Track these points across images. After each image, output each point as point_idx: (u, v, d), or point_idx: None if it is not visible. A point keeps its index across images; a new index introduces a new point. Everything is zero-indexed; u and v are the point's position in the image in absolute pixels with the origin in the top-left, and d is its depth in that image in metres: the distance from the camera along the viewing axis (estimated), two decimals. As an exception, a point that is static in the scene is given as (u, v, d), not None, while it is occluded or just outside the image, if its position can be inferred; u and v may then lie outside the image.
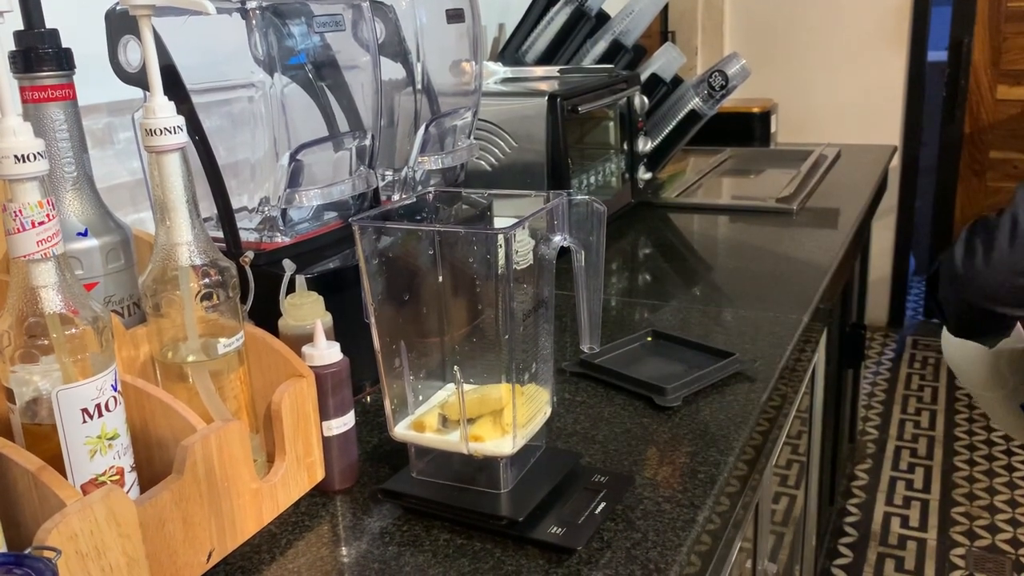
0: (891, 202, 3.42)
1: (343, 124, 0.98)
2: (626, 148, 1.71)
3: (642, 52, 1.93)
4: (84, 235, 0.76)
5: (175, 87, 0.79)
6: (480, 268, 0.70)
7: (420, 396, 0.79)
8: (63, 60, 0.72)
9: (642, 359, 1.06)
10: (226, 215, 0.87)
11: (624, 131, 1.71)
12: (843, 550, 2.28)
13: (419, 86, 1.13)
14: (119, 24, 0.81)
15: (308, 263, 0.91)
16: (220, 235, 0.88)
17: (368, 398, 0.98)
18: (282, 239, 0.93)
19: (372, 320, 0.75)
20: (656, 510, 0.75)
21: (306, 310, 0.82)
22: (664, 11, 3.14)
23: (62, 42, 0.73)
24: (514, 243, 0.68)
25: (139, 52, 0.79)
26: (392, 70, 1.10)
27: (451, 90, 1.19)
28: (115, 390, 0.62)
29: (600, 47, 1.86)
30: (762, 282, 1.35)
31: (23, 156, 0.56)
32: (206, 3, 0.68)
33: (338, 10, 0.94)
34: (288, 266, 0.84)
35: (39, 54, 0.71)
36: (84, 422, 0.60)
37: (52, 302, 0.58)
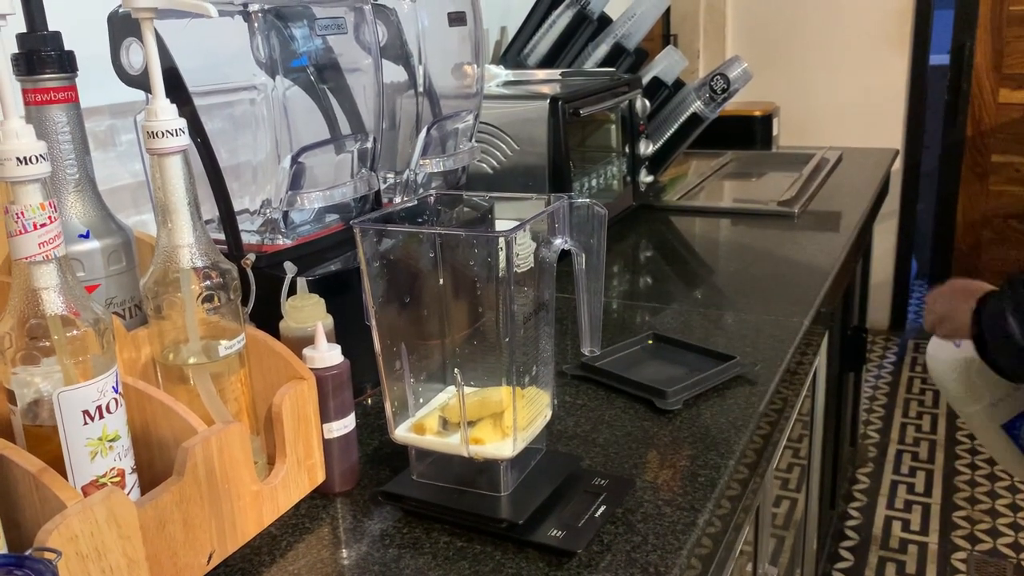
0: (893, 206, 3.42)
1: (345, 127, 0.98)
2: (628, 151, 1.72)
3: (644, 55, 1.93)
4: (86, 237, 0.76)
5: (177, 89, 0.79)
6: (481, 271, 0.70)
7: (421, 399, 0.79)
8: (65, 62, 0.73)
9: (643, 362, 1.06)
10: (228, 217, 0.87)
11: (626, 134, 1.71)
12: (844, 554, 2.27)
13: (421, 89, 1.13)
14: (121, 26, 0.81)
15: (309, 265, 0.92)
16: (222, 237, 0.88)
17: (369, 400, 0.98)
18: (283, 241, 0.93)
19: (373, 322, 0.75)
20: (656, 513, 0.75)
21: (307, 312, 0.82)
22: (666, 14, 3.14)
23: (64, 44, 0.73)
24: (515, 246, 0.68)
25: (141, 54, 0.80)
26: (394, 73, 1.10)
27: (453, 93, 1.19)
28: (116, 392, 0.63)
29: (602, 50, 1.86)
30: (763, 285, 1.35)
31: (25, 158, 0.56)
32: (208, 6, 0.69)
33: (340, 13, 0.94)
34: (289, 268, 0.84)
35: (41, 56, 0.71)
36: (85, 424, 0.61)
37: (54, 304, 0.59)
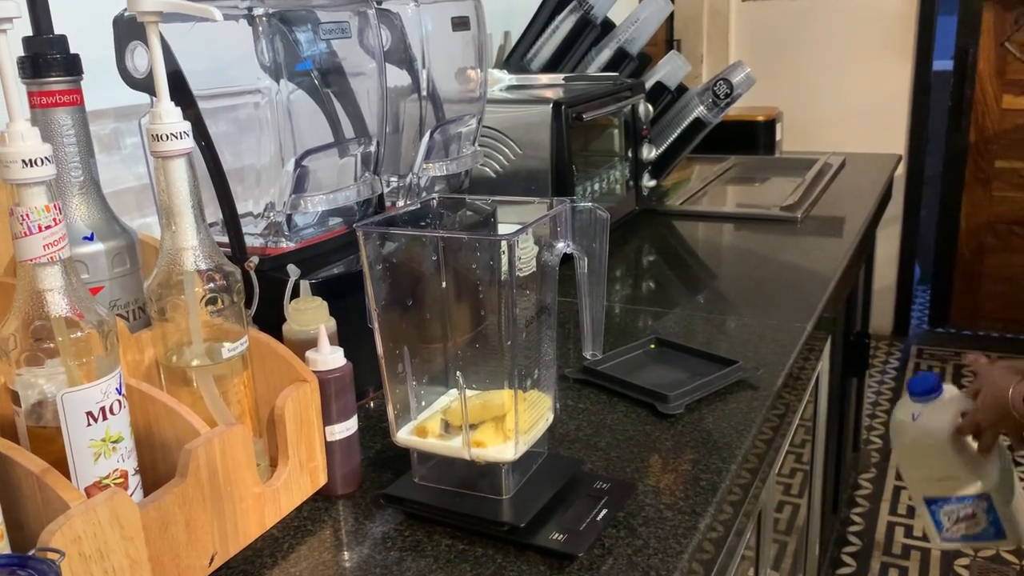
0: (896, 211, 3.42)
1: (348, 130, 0.98)
2: (630, 155, 1.72)
3: (647, 60, 1.93)
4: (90, 239, 0.76)
5: (182, 93, 0.79)
6: (483, 274, 0.70)
7: (423, 402, 0.79)
8: (71, 66, 0.73)
9: (645, 366, 1.06)
10: (231, 220, 0.88)
11: (629, 139, 1.71)
12: (847, 559, 2.27)
13: (424, 93, 1.13)
14: (127, 30, 0.82)
15: (312, 268, 0.92)
16: (225, 240, 0.88)
17: (371, 403, 0.98)
18: (287, 244, 0.93)
19: (376, 325, 0.75)
20: (658, 517, 0.75)
21: (310, 315, 0.82)
22: (669, 19, 3.14)
23: (70, 48, 0.73)
24: (517, 249, 0.68)
25: (146, 58, 0.80)
26: (397, 77, 1.10)
27: (456, 97, 1.19)
28: (120, 393, 0.63)
29: (605, 55, 1.87)
30: (766, 290, 1.35)
31: (31, 161, 0.56)
32: (213, 9, 0.69)
33: (344, 17, 0.95)
34: (292, 271, 0.84)
35: (47, 60, 0.71)
36: (88, 425, 0.61)
37: (58, 306, 0.59)
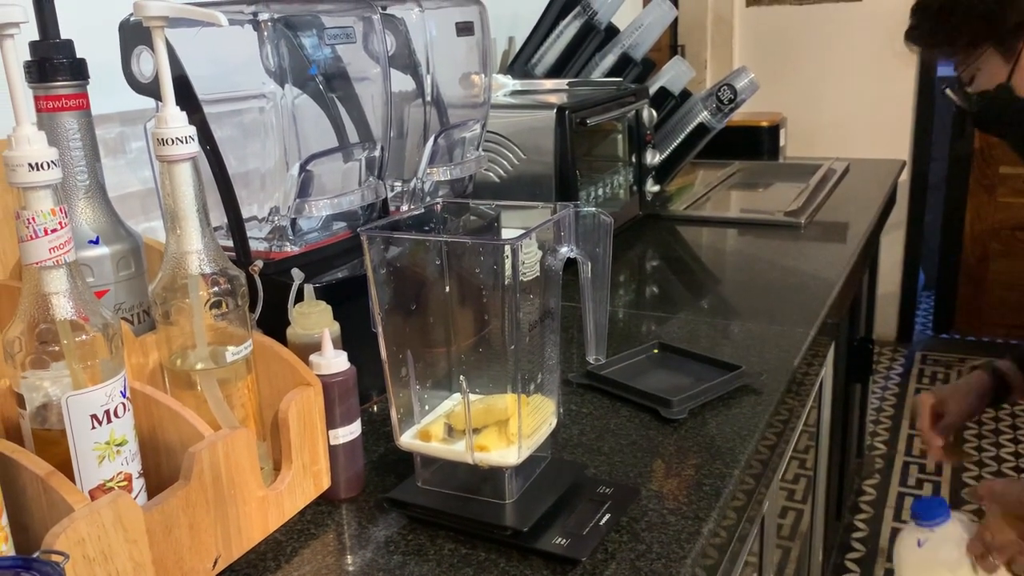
0: (900, 217, 3.41)
1: (353, 135, 0.98)
2: (634, 161, 1.72)
3: (651, 65, 1.94)
4: (95, 243, 0.76)
5: (187, 97, 0.80)
6: (487, 279, 0.70)
7: (426, 406, 0.79)
8: (77, 70, 0.73)
9: (648, 371, 1.06)
10: (236, 224, 0.88)
11: (632, 144, 1.71)
12: (850, 566, 2.26)
13: (428, 98, 1.14)
14: (132, 35, 0.82)
15: (317, 272, 0.92)
16: (230, 244, 0.89)
17: (375, 407, 0.98)
18: (291, 248, 0.93)
19: (379, 330, 0.75)
20: (661, 522, 0.75)
21: (314, 319, 0.83)
22: (673, 25, 3.15)
23: (76, 52, 0.74)
24: (521, 254, 0.68)
25: (152, 63, 0.80)
26: (402, 82, 1.11)
27: (460, 102, 1.20)
28: (124, 396, 0.63)
29: (609, 60, 1.87)
30: (770, 295, 1.35)
31: (37, 164, 0.57)
32: (218, 15, 0.69)
33: (349, 22, 0.95)
34: (297, 275, 0.84)
35: (54, 64, 0.72)
36: (93, 428, 0.61)
37: (63, 309, 0.59)
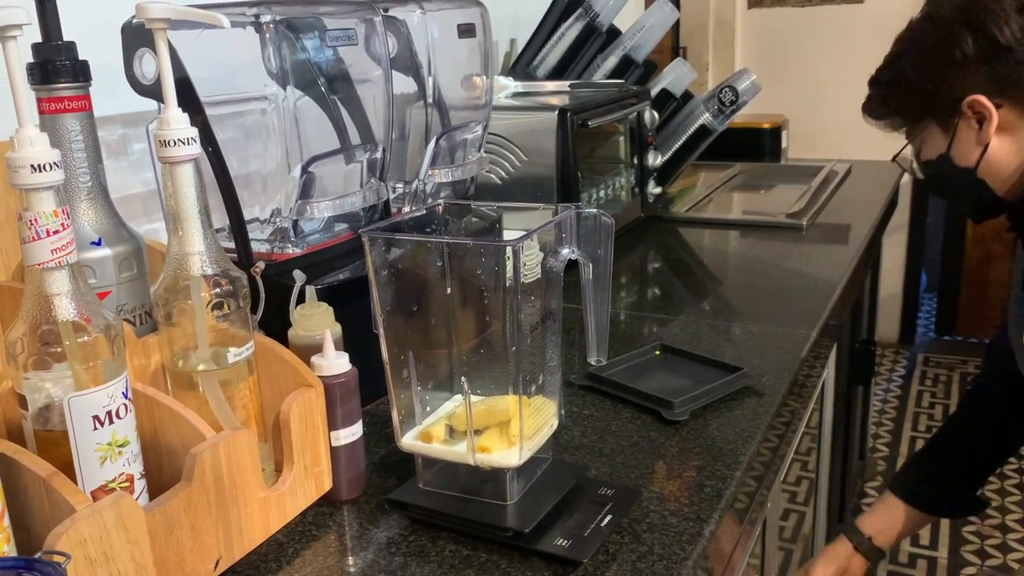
0: (902, 218, 3.41)
1: (355, 137, 0.99)
2: (636, 162, 1.72)
3: (653, 67, 1.94)
4: (98, 244, 0.76)
5: (189, 99, 0.80)
6: (488, 280, 0.70)
7: (427, 407, 0.79)
8: (80, 72, 0.73)
9: (650, 373, 1.06)
10: (238, 226, 0.88)
11: (634, 145, 1.71)
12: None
13: (430, 100, 1.14)
14: (135, 37, 0.82)
15: (318, 274, 0.92)
16: (232, 246, 0.89)
17: (376, 408, 0.98)
18: (293, 250, 0.93)
19: (381, 331, 0.75)
20: (662, 523, 0.75)
21: (316, 320, 0.83)
22: (675, 27, 3.15)
23: (79, 54, 0.74)
24: (522, 255, 0.68)
25: (154, 65, 0.80)
26: (404, 84, 1.11)
27: (462, 104, 1.20)
28: (126, 398, 0.63)
29: (611, 62, 1.87)
30: (771, 297, 1.35)
31: (39, 166, 0.57)
32: (221, 17, 0.69)
33: (351, 24, 0.95)
34: (298, 277, 0.84)
35: (56, 66, 0.72)
36: (95, 429, 0.61)
37: (65, 310, 0.59)
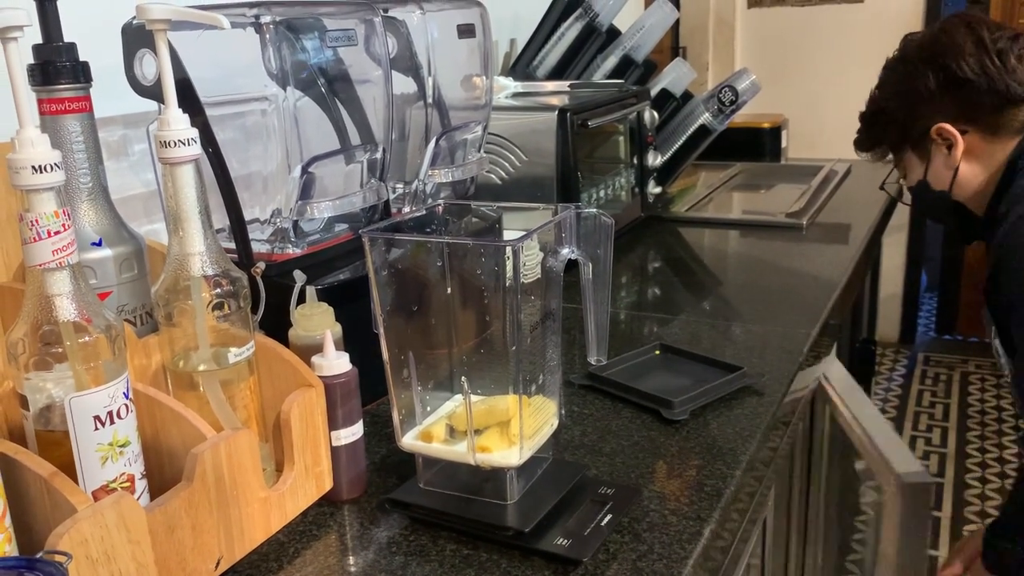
0: (903, 218, 3.41)
1: (355, 137, 0.99)
2: (636, 162, 1.72)
3: (652, 67, 1.94)
4: (98, 245, 0.76)
5: (189, 100, 0.80)
6: (488, 280, 0.70)
7: (428, 407, 0.79)
8: (80, 73, 0.73)
9: (650, 372, 1.06)
10: (238, 226, 0.88)
11: (634, 145, 1.72)
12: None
13: (430, 100, 1.14)
14: (135, 38, 0.82)
15: (319, 274, 0.92)
16: (232, 246, 0.89)
17: (377, 408, 0.98)
18: (293, 250, 0.93)
19: (381, 331, 0.75)
20: (662, 523, 0.75)
21: (316, 320, 0.83)
22: (675, 27, 3.15)
23: (79, 55, 0.74)
24: (522, 255, 0.68)
25: (154, 65, 0.81)
26: (403, 84, 1.11)
27: (462, 104, 1.20)
28: (127, 398, 0.63)
29: (611, 62, 1.87)
30: (771, 297, 1.35)
31: (40, 167, 0.57)
32: (221, 18, 0.70)
33: (351, 25, 0.95)
34: (299, 277, 0.85)
35: (57, 67, 0.72)
36: (96, 429, 0.61)
37: (66, 310, 0.59)
